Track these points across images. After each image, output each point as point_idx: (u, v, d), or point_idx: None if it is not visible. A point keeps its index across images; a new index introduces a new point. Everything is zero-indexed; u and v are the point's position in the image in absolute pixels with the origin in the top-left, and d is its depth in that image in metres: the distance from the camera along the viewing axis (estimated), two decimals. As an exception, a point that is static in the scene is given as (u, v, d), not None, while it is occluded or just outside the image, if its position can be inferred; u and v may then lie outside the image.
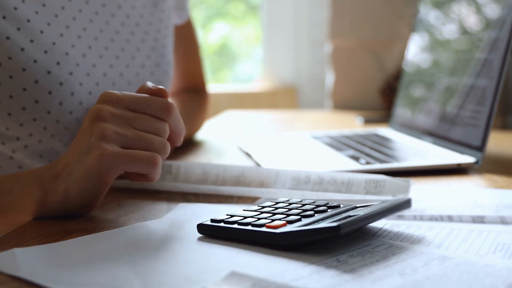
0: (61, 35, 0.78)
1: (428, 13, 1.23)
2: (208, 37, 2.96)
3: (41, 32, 0.76)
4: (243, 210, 0.59)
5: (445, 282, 0.45)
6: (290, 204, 0.60)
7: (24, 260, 0.50)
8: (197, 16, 2.83)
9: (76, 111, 0.79)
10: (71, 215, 0.64)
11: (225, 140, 1.18)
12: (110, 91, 0.64)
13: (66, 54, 0.78)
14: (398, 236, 0.56)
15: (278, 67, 2.41)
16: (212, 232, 0.56)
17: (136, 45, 0.89)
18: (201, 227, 0.57)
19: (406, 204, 0.58)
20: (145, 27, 0.90)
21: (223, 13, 3.03)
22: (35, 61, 0.75)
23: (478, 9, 1.03)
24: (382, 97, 1.72)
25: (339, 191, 0.68)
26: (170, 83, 0.95)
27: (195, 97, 1.18)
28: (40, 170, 0.66)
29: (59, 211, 0.64)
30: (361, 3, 1.79)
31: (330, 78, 1.89)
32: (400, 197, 0.64)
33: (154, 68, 0.91)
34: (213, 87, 2.11)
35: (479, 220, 0.60)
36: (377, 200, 0.65)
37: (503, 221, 0.60)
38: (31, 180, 0.65)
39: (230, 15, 3.02)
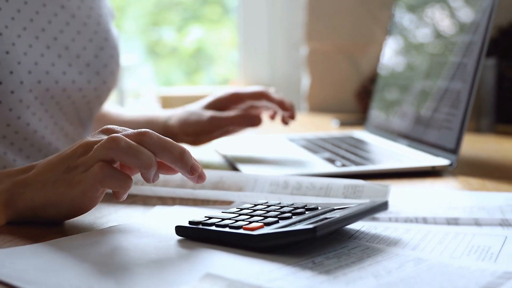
0: None
1: (403, 17, 1.24)
2: (184, 40, 2.95)
3: None
4: (222, 212, 0.59)
5: (418, 283, 0.46)
6: (268, 206, 0.60)
7: (0, 261, 0.50)
8: (173, 18, 2.83)
9: (18, 91, 0.79)
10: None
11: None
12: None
13: (0, 34, 0.78)
14: (374, 238, 0.56)
15: (253, 69, 2.41)
16: (190, 234, 0.56)
17: (77, 28, 0.88)
18: (179, 229, 0.57)
19: (383, 206, 0.58)
20: (86, 11, 0.90)
21: (199, 16, 3.03)
22: None
23: (452, 13, 1.04)
24: (358, 100, 1.73)
25: (317, 196, 0.69)
26: (118, 68, 0.95)
27: None
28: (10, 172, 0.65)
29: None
30: (336, 6, 1.80)
31: (305, 81, 1.89)
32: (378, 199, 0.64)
33: (98, 51, 0.91)
34: (189, 89, 2.10)
35: (453, 222, 0.61)
36: (355, 203, 0.66)
37: (477, 223, 0.60)
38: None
39: (206, 18, 3.02)
